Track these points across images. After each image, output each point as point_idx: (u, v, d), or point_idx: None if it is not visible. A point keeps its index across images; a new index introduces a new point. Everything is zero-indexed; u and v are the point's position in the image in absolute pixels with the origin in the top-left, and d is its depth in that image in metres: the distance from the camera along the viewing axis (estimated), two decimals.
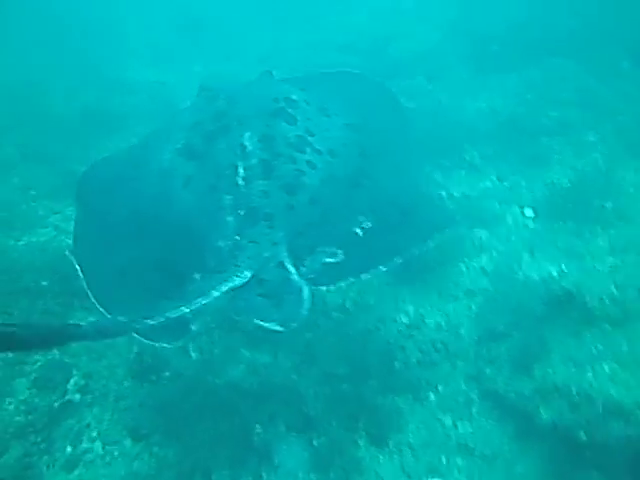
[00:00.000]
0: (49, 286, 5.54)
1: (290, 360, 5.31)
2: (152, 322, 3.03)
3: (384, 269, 3.52)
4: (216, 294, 3.24)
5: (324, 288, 3.45)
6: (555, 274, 5.44)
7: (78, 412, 4.84)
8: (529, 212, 6.72)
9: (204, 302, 3.19)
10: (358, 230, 3.75)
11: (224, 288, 3.27)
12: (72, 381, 5.02)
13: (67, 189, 6.47)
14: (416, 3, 10.59)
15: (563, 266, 5.52)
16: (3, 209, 7.33)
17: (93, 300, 3.55)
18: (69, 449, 4.61)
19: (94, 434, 4.72)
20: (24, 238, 6.78)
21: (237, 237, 3.57)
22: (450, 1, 10.43)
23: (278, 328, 3.12)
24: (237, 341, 5.45)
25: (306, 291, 3.27)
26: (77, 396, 4.91)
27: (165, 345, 3.31)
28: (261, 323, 3.14)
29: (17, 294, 5.41)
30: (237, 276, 3.33)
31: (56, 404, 4.83)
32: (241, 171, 3.85)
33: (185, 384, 5.02)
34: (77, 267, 3.79)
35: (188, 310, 3.12)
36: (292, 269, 3.40)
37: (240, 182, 3.80)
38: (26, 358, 5.08)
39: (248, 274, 3.37)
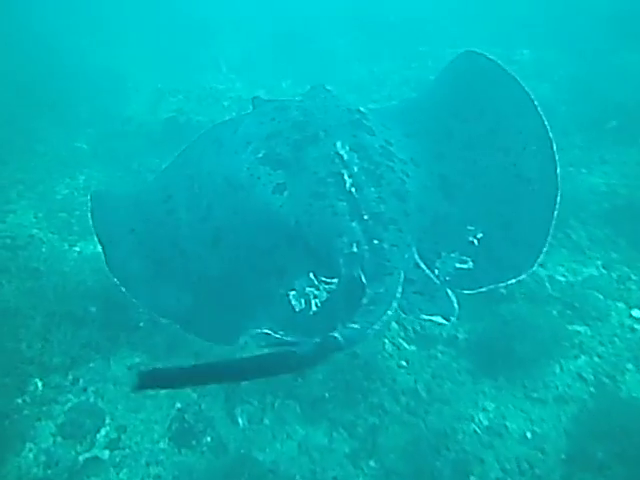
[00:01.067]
0: (97, 314, 4.96)
1: (348, 445, 4.59)
2: (370, 331, 2.98)
3: (514, 281, 3.58)
4: (398, 295, 3.24)
5: (467, 292, 3.51)
6: None
7: (103, 473, 4.17)
8: (638, 313, 5.74)
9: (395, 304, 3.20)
10: (474, 240, 3.79)
11: (400, 289, 3.27)
12: (103, 432, 4.39)
13: None
14: (533, 54, 9.71)
15: None
16: (63, 209, 6.89)
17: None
18: None
19: None
20: (80, 244, 6.30)
21: (375, 241, 3.54)
22: (572, 55, 9.53)
23: (443, 321, 3.23)
24: (291, 413, 4.72)
25: (449, 290, 3.38)
26: (106, 452, 4.25)
27: None
28: (429, 318, 3.23)
29: (61, 317, 4.83)
30: (400, 277, 3.36)
31: (81, 458, 4.19)
32: (348, 179, 3.82)
33: (227, 459, 4.29)
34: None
35: (391, 313, 3.11)
36: (427, 270, 3.50)
37: (352, 189, 3.76)
38: (58, 396, 4.47)
39: (403, 275, 3.39)
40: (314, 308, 3.36)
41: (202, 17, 12.41)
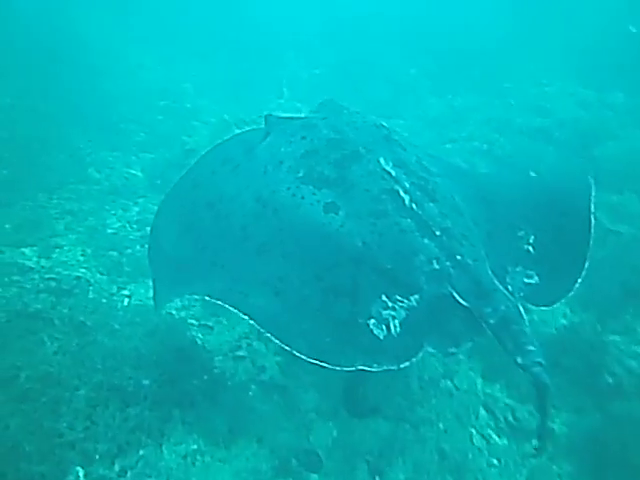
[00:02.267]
0: (149, 388, 4.19)
1: None
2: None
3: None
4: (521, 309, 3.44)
5: (543, 308, 3.74)
6: None
7: None
8: None
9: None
10: (530, 248, 3.87)
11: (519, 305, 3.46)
12: None
13: None
14: (628, 97, 8.75)
15: None
16: (114, 246, 6.22)
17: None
18: None
19: None
20: (130, 287, 5.59)
21: (458, 257, 3.56)
22: None
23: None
24: None
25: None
26: None
27: None
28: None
29: (108, 392, 4.11)
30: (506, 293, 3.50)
31: None
32: (404, 195, 3.83)
33: None
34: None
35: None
36: (501, 287, 3.52)
37: (413, 206, 3.77)
38: None
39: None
40: (397, 330, 3.32)
41: (267, 41, 11.80)
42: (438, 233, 3.65)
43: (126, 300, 5.53)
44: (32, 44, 9.17)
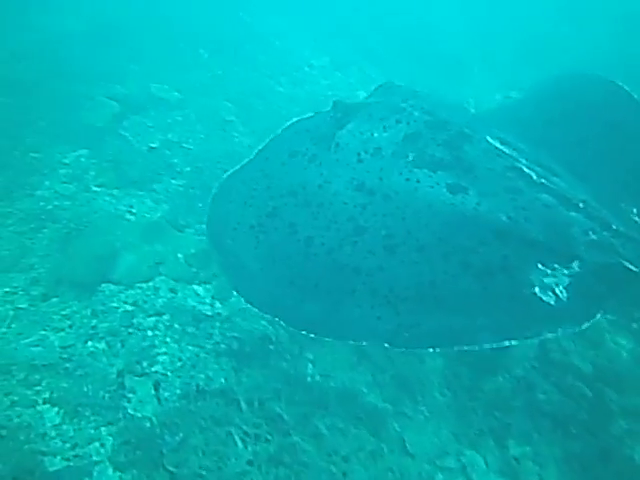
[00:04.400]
0: None
1: None
2: None
3: None
4: None
5: None
6: None
7: None
8: None
9: None
10: (637, 218, 3.86)
11: None
12: None
13: None
14: None
15: None
16: None
17: None
18: None
19: None
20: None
21: (614, 226, 3.58)
22: None
23: None
24: None
25: None
26: None
27: None
28: None
29: None
30: None
31: None
32: (529, 171, 3.84)
33: None
34: None
35: None
36: None
37: (543, 180, 3.78)
38: None
39: None
40: (564, 295, 3.29)
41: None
42: (581, 205, 3.65)
43: None
44: None
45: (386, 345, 3.14)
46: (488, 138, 4.05)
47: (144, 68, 7.85)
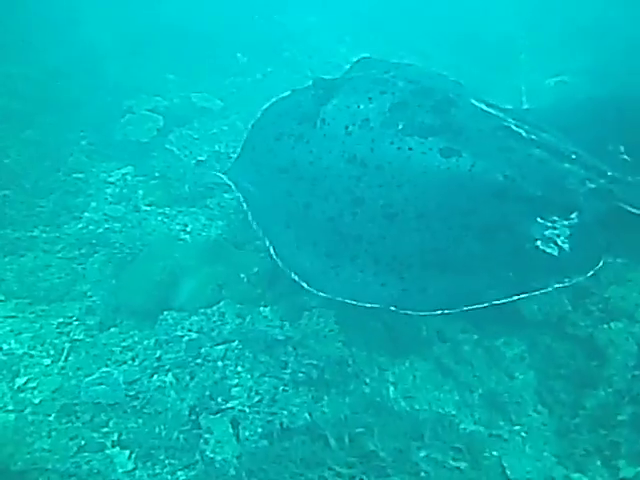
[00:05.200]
0: None
1: None
2: None
3: None
4: None
5: None
6: None
7: None
8: None
9: None
10: (626, 157, 4.01)
11: None
12: None
13: None
14: None
15: None
16: None
17: None
18: None
19: None
20: None
21: (610, 173, 3.64)
22: None
23: None
24: None
25: None
26: None
27: None
28: None
29: None
30: None
31: None
32: (517, 129, 3.91)
33: None
34: None
35: None
36: None
37: (533, 137, 3.85)
38: None
39: None
40: (567, 245, 3.32)
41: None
42: (574, 157, 3.70)
43: None
44: None
45: (392, 308, 3.20)
46: (473, 101, 4.13)
47: (182, 77, 7.60)
